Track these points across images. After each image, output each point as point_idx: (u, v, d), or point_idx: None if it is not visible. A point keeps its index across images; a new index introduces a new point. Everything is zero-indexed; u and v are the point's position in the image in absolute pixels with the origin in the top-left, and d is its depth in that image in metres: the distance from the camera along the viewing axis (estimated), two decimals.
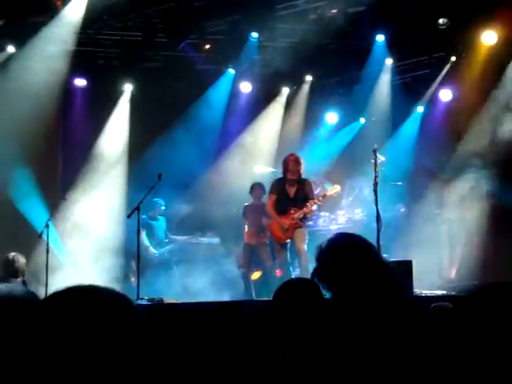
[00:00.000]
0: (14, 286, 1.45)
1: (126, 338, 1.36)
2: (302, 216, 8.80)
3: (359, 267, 2.09)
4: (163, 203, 10.67)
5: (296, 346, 1.96)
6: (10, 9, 9.88)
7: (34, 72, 10.10)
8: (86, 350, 1.31)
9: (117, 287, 1.52)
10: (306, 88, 12.45)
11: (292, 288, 2.17)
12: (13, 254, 6.59)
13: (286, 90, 12.61)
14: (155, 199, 10.06)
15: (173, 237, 11.00)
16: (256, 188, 10.11)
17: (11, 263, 6.48)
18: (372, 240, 7.58)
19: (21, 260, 6.53)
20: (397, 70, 11.93)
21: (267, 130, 12.46)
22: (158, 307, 7.43)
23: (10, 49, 10.37)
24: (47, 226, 8.99)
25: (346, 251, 2.18)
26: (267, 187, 9.62)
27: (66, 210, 10.53)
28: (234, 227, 10.92)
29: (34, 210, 10.17)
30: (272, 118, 12.55)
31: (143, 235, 10.11)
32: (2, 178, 10.10)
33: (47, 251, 8.95)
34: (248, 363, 5.56)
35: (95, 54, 11.28)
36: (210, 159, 11.59)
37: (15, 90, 9.98)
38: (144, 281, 8.38)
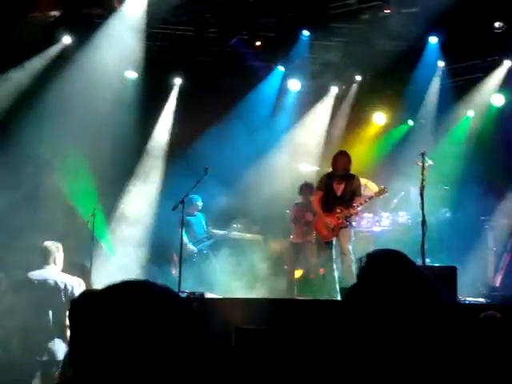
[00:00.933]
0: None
1: (180, 334, 1.38)
2: (348, 215, 8.75)
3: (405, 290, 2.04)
4: (200, 199, 10.63)
5: (361, 345, 1.95)
6: (66, 1, 10.10)
7: (91, 64, 10.31)
8: (142, 341, 1.33)
9: (158, 279, 1.54)
10: (355, 88, 12.38)
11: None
12: (47, 242, 6.83)
13: (334, 89, 12.55)
14: (192, 195, 10.00)
15: (214, 231, 11.00)
16: (304, 188, 10.15)
17: (42, 251, 6.75)
18: (416, 244, 7.57)
19: (52, 248, 6.73)
20: (449, 73, 11.75)
21: (315, 129, 12.41)
22: (199, 301, 7.48)
23: (66, 39, 10.58)
24: (93, 215, 9.17)
25: (387, 271, 2.11)
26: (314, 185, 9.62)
27: (114, 200, 10.71)
28: (277, 225, 10.93)
29: (83, 199, 10.37)
30: (320, 116, 12.50)
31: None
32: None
33: (92, 239, 9.13)
34: (292, 359, 5.57)
35: (147, 47, 11.38)
36: (257, 156, 11.58)
37: (73, 81, 10.19)
38: (183, 276, 8.45)
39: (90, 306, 1.41)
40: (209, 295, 8.39)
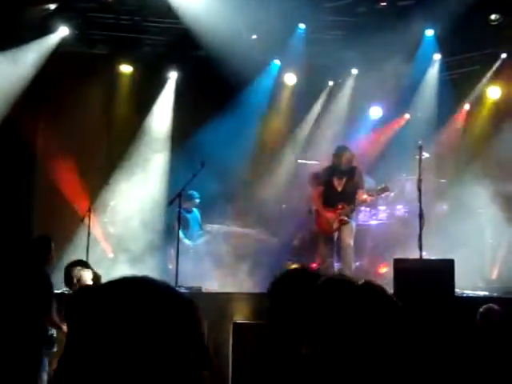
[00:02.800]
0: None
1: (182, 335, 1.34)
2: (349, 212, 8.75)
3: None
4: (198, 196, 10.54)
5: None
6: None
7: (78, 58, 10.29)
8: (141, 339, 1.30)
9: (154, 274, 1.51)
10: (351, 81, 12.32)
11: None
12: (38, 236, 6.74)
13: (331, 83, 12.50)
14: (190, 191, 9.93)
15: (207, 227, 10.89)
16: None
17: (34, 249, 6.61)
18: (413, 237, 7.55)
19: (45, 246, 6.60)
20: (445, 66, 11.72)
21: (311, 123, 12.38)
22: (196, 296, 7.45)
23: (63, 30, 10.48)
24: (89, 210, 9.18)
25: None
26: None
27: (107, 196, 10.67)
28: (271, 219, 10.92)
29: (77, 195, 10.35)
30: (316, 110, 12.46)
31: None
32: None
33: (88, 235, 9.12)
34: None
35: (141, 40, 11.32)
36: (253, 149, 11.53)
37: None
38: (179, 270, 8.44)
39: (88, 302, 1.38)
40: (206, 289, 8.39)
